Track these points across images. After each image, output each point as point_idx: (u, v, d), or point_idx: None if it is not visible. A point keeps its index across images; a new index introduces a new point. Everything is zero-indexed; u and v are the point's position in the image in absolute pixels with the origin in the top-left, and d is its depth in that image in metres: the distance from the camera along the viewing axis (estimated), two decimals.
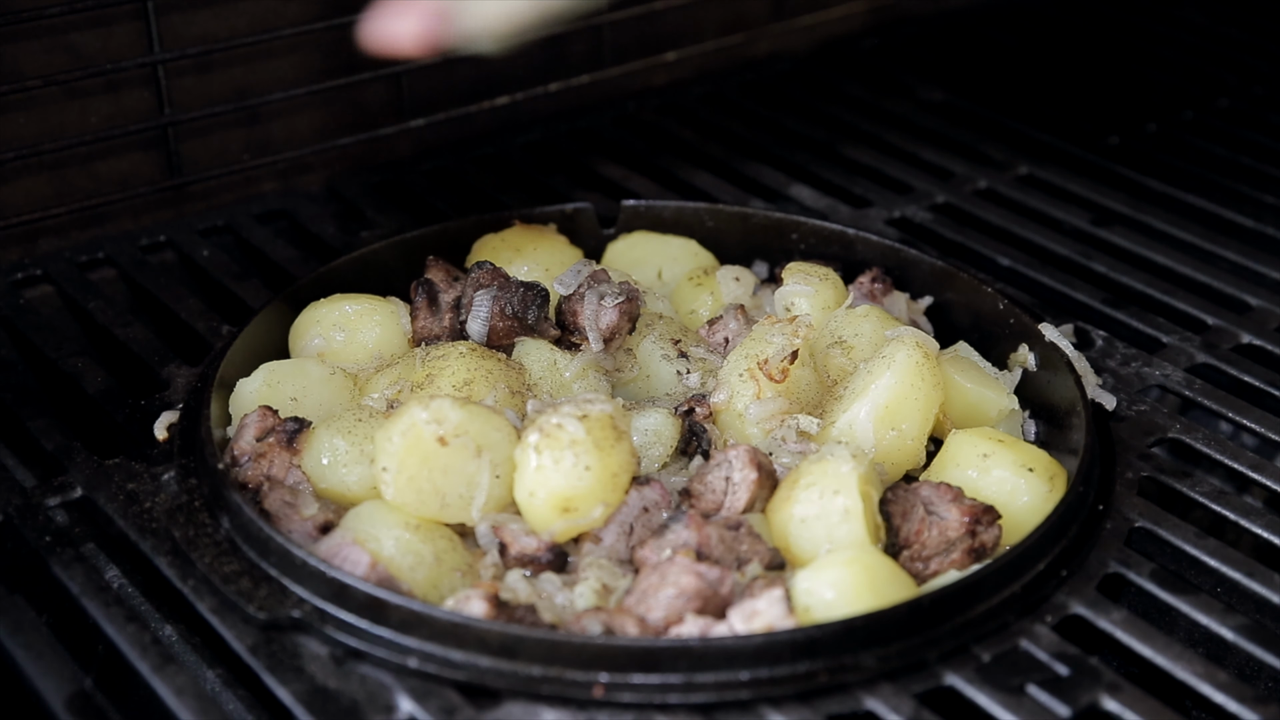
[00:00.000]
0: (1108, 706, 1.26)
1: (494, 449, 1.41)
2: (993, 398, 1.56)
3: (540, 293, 1.60)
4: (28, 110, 1.87)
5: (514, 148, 2.19)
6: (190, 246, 1.93)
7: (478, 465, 1.40)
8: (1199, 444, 1.58)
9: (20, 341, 1.76)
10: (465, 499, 1.40)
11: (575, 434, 1.38)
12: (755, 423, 1.51)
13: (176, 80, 1.96)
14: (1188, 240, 1.98)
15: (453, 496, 1.40)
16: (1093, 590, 1.38)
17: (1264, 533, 1.47)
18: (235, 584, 1.34)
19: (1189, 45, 2.58)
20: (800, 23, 2.50)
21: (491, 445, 1.41)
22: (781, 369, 1.52)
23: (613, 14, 2.29)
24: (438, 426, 1.39)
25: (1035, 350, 1.62)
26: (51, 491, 1.49)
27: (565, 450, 1.37)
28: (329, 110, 2.10)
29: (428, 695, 1.26)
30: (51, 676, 1.31)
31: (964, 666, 1.29)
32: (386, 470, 1.39)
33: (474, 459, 1.40)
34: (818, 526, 1.38)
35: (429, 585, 1.36)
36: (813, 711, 1.25)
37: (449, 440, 1.39)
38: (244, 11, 1.98)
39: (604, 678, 1.25)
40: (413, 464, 1.38)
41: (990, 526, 1.39)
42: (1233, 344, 1.76)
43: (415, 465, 1.39)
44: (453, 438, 1.39)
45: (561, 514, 1.38)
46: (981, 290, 1.69)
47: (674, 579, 1.31)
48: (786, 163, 2.17)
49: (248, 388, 1.55)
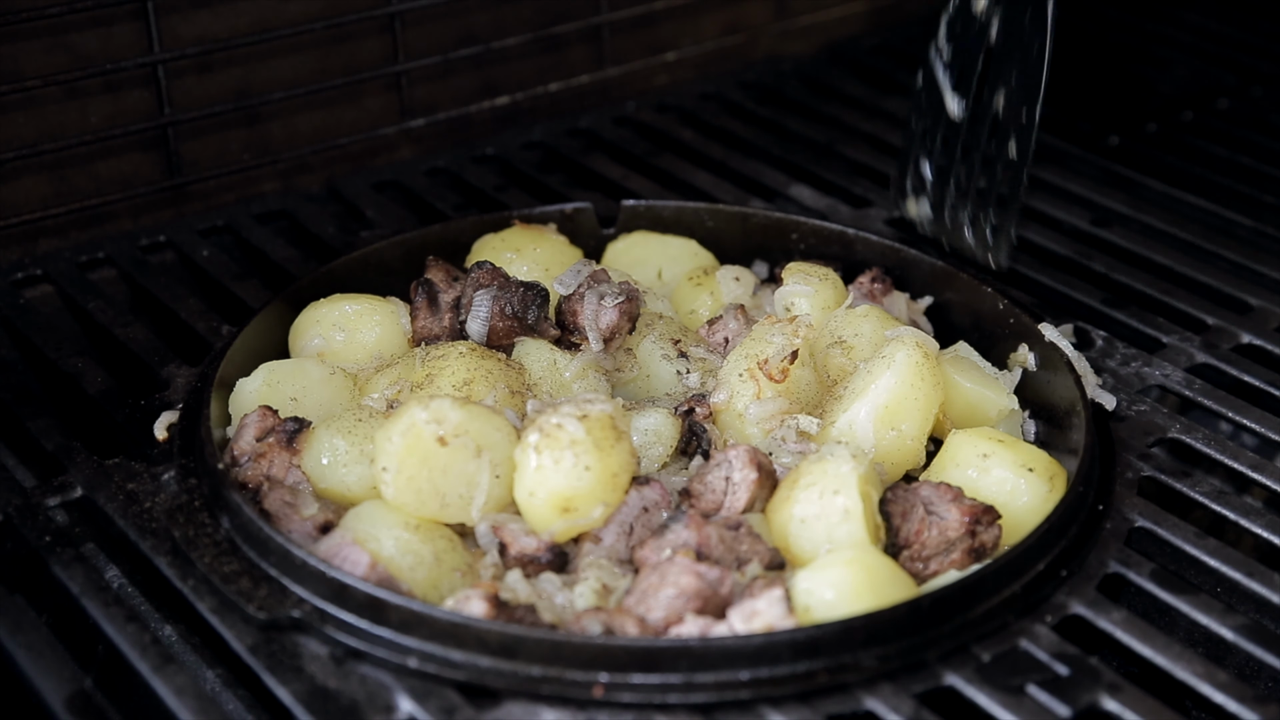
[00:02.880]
0: (1108, 706, 1.26)
1: (494, 449, 1.41)
2: (992, 398, 1.56)
3: (540, 292, 1.60)
4: (28, 110, 1.87)
5: (514, 148, 2.19)
6: (190, 246, 1.93)
7: (477, 465, 1.40)
8: (1199, 444, 1.58)
9: (20, 341, 1.76)
10: (465, 499, 1.40)
11: (575, 434, 1.38)
12: (755, 423, 1.51)
13: (176, 80, 1.96)
14: (1188, 240, 1.98)
15: (453, 496, 1.40)
16: (1093, 590, 1.38)
17: (1264, 533, 1.47)
18: (235, 584, 1.34)
19: (1189, 45, 2.58)
20: (800, 23, 2.51)
21: (491, 445, 1.41)
22: (781, 369, 1.52)
23: (613, 14, 2.29)
24: (437, 426, 1.39)
25: (1035, 350, 1.62)
26: (51, 491, 1.49)
27: (565, 450, 1.37)
28: (329, 110, 2.10)
29: (428, 695, 1.26)
30: (51, 676, 1.31)
31: (964, 666, 1.29)
32: (386, 470, 1.39)
33: (474, 459, 1.40)
34: (818, 526, 1.38)
35: (429, 585, 1.36)
36: (813, 711, 1.25)
37: (449, 440, 1.39)
38: (244, 11, 1.98)
39: (604, 678, 1.25)
40: (412, 464, 1.38)
41: (990, 526, 1.39)
42: (1233, 344, 1.76)
43: (415, 465, 1.39)
44: (452, 438, 1.39)
45: (561, 514, 1.38)
46: (981, 290, 1.69)
47: (674, 579, 1.31)
48: (786, 163, 2.17)
49: (247, 388, 1.55)
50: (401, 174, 2.12)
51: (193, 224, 1.98)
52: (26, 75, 1.85)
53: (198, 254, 1.91)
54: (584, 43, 2.29)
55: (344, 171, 2.12)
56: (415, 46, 2.12)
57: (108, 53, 1.90)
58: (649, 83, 2.37)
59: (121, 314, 1.77)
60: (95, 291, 1.83)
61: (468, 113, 2.21)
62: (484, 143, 2.20)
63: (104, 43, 1.90)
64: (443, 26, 2.15)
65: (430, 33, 2.14)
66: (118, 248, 1.92)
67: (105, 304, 1.80)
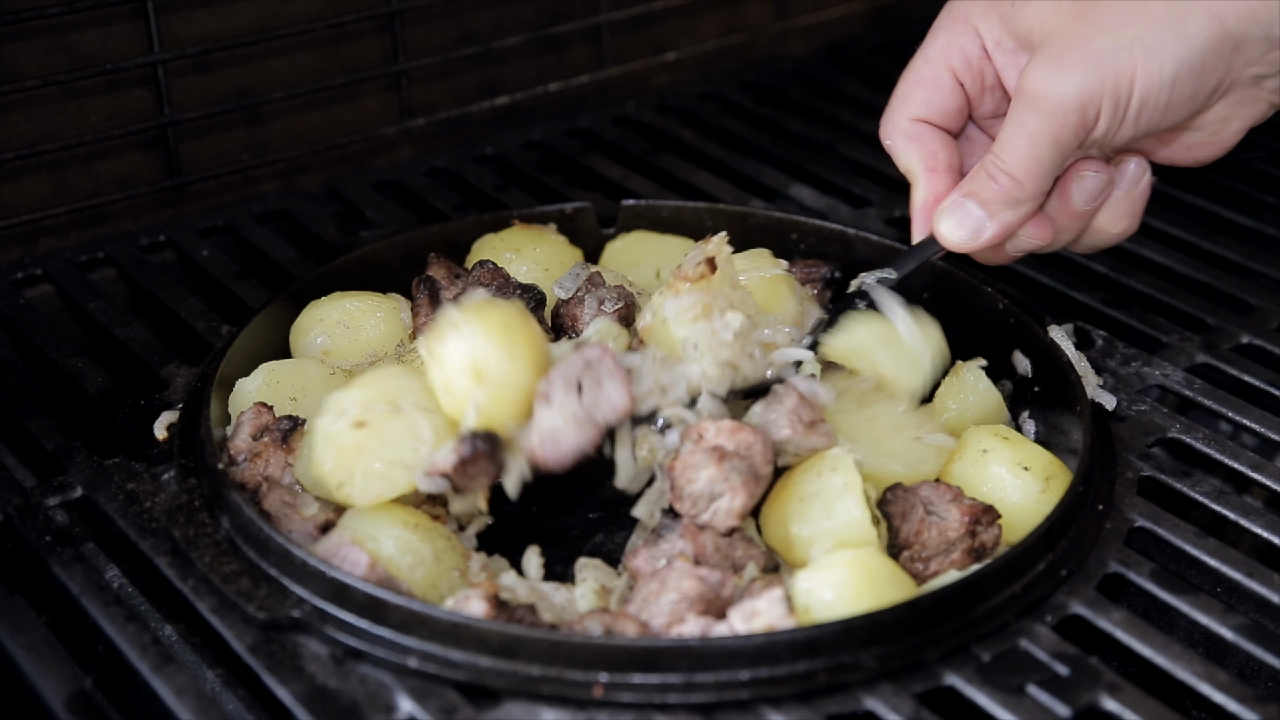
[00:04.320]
0: (1108, 706, 1.26)
1: (406, 393, 1.39)
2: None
3: (536, 295, 1.60)
4: (28, 110, 1.87)
5: (514, 148, 2.19)
6: (190, 246, 1.93)
7: (403, 418, 1.38)
8: (1199, 444, 1.58)
9: (20, 341, 1.76)
10: (420, 451, 1.38)
11: (458, 319, 1.37)
12: (675, 318, 1.46)
13: (176, 80, 1.96)
14: (1188, 240, 1.98)
15: (412, 457, 1.38)
16: (1093, 590, 1.38)
17: (1264, 533, 1.47)
18: (235, 584, 1.34)
19: None
20: (800, 23, 2.51)
21: (401, 392, 1.39)
22: (698, 272, 1.48)
23: (613, 14, 2.29)
24: (345, 416, 1.38)
25: (1035, 350, 1.62)
26: (51, 491, 1.49)
27: (462, 326, 1.37)
28: (329, 110, 2.10)
29: (428, 695, 1.26)
30: (51, 676, 1.31)
31: (964, 666, 1.29)
32: (343, 484, 1.38)
33: (396, 415, 1.38)
34: (817, 527, 1.38)
35: (429, 585, 1.36)
36: (813, 711, 1.25)
37: (365, 421, 1.38)
38: (244, 11, 1.99)
39: (604, 677, 1.25)
40: (354, 461, 1.38)
41: (990, 526, 1.39)
42: (1233, 344, 1.76)
43: (357, 459, 1.38)
44: (366, 415, 1.38)
45: (476, 381, 1.36)
46: (981, 290, 1.69)
47: (675, 584, 1.31)
48: (786, 163, 2.17)
49: (247, 387, 1.55)
50: (401, 174, 2.12)
51: (193, 224, 1.98)
52: (26, 75, 1.85)
53: (198, 254, 1.91)
54: (584, 43, 2.29)
55: (344, 171, 2.12)
56: (415, 46, 2.13)
57: (108, 53, 1.90)
58: (649, 83, 2.37)
59: (121, 314, 1.77)
60: (95, 291, 1.83)
61: (468, 113, 2.21)
62: (484, 143, 2.20)
63: (104, 43, 1.90)
64: (443, 26, 2.15)
65: (430, 32, 2.14)
66: (118, 248, 1.92)
67: (105, 304, 1.80)
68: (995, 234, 1.43)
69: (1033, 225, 1.45)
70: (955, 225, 1.44)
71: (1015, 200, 1.41)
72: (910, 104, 1.52)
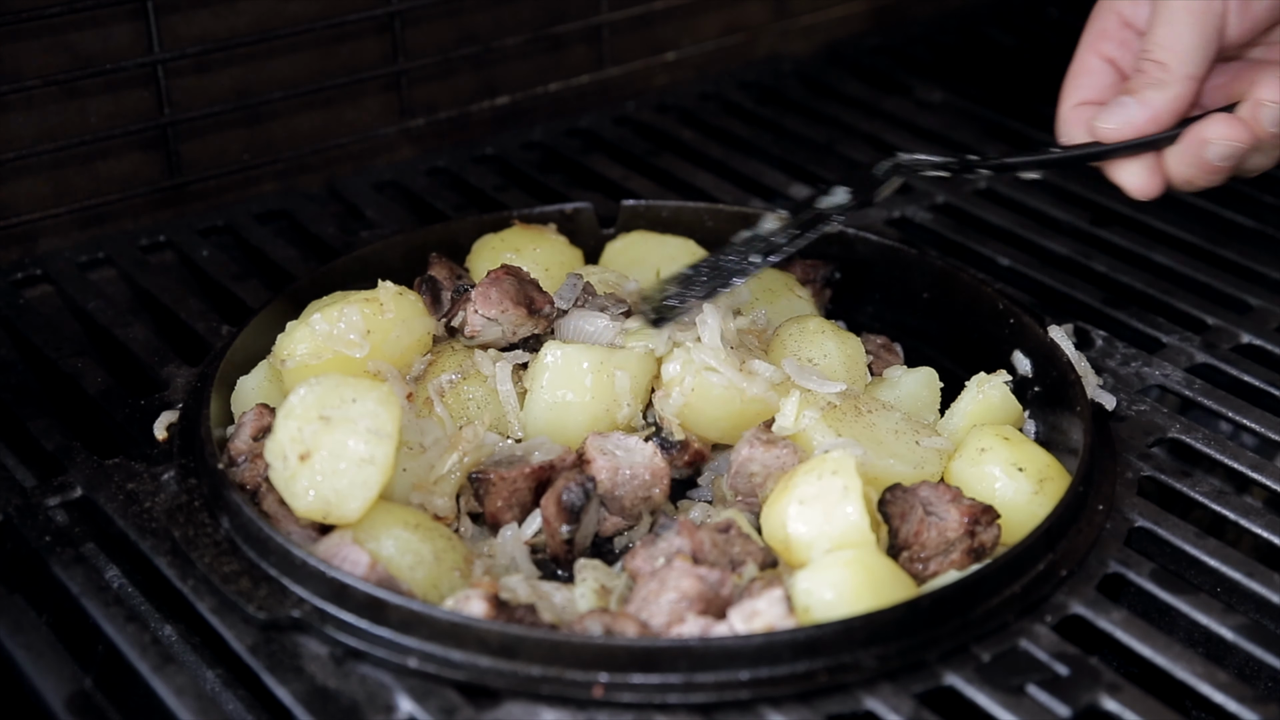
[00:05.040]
0: (1108, 706, 1.26)
1: (325, 401, 1.38)
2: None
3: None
4: (28, 110, 1.87)
5: (514, 148, 2.19)
6: (190, 246, 1.93)
7: (336, 425, 1.37)
8: (1199, 444, 1.58)
9: (20, 341, 1.76)
10: (374, 424, 1.38)
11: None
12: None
13: (176, 80, 1.96)
14: (1188, 240, 1.98)
15: (366, 448, 1.37)
16: (1092, 590, 1.38)
17: (1264, 533, 1.47)
18: (235, 584, 1.34)
19: None
20: (800, 23, 2.51)
21: (320, 403, 1.38)
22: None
23: (613, 14, 2.29)
24: (287, 460, 1.37)
25: (1035, 350, 1.62)
26: (51, 491, 1.49)
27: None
28: (329, 110, 2.10)
29: (428, 695, 1.26)
30: (51, 676, 1.31)
31: (964, 666, 1.29)
32: (328, 513, 1.37)
33: (330, 429, 1.37)
34: (817, 526, 1.38)
35: (429, 585, 1.36)
36: (813, 711, 1.25)
37: (306, 451, 1.37)
38: (244, 11, 1.99)
39: (604, 678, 1.25)
40: (321, 491, 1.36)
41: (989, 526, 1.39)
42: (1233, 344, 1.76)
43: (321, 488, 1.36)
44: (303, 446, 1.37)
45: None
46: (981, 290, 1.69)
47: (674, 583, 1.31)
48: (786, 163, 2.17)
49: (247, 386, 1.55)
50: (401, 174, 2.12)
51: (193, 224, 1.98)
52: (26, 75, 1.85)
53: (198, 254, 1.91)
54: (584, 43, 2.29)
55: (344, 171, 2.12)
56: (415, 46, 2.12)
57: (108, 53, 1.90)
58: (649, 83, 2.37)
59: (121, 314, 1.77)
60: (95, 291, 1.83)
61: (468, 113, 2.21)
62: (484, 143, 2.20)
63: (104, 43, 1.90)
64: (442, 26, 2.15)
65: (430, 33, 2.14)
66: (118, 248, 1.92)
67: (105, 304, 1.80)
68: (1145, 118, 1.47)
69: (1224, 125, 1.47)
70: (1107, 118, 1.49)
71: (1160, 81, 1.46)
72: (1069, 95, 1.58)
